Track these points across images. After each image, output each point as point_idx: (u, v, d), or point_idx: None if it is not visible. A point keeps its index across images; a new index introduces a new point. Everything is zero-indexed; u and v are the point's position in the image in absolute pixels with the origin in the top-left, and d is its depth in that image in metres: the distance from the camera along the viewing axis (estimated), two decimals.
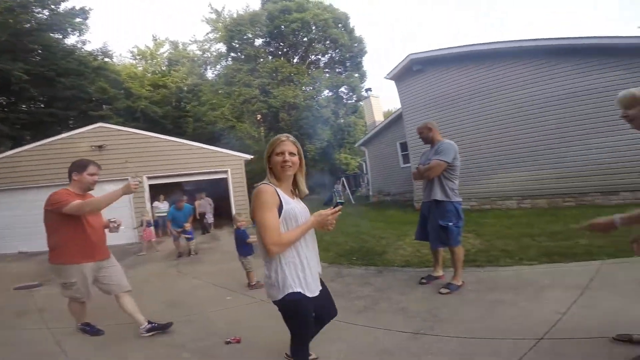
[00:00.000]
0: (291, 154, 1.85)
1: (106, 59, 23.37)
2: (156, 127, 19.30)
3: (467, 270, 3.96)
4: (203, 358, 2.60)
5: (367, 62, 73.58)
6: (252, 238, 4.60)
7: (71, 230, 2.78)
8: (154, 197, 10.78)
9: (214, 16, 23.35)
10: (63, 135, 10.76)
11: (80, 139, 10.29)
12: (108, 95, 21.53)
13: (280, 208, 1.75)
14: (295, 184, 1.96)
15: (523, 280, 3.49)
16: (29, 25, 17.00)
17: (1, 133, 15.18)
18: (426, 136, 3.64)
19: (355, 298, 3.57)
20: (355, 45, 21.09)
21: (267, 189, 1.76)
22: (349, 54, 20.94)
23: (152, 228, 8.41)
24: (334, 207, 1.83)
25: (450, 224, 3.36)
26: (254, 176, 15.73)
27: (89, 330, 3.15)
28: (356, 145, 20.48)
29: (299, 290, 1.75)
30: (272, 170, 1.89)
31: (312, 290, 1.82)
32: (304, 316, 1.84)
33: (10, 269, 7.17)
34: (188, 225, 7.27)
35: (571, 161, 7.98)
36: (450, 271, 3.65)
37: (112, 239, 3.34)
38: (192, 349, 2.72)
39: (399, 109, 14.65)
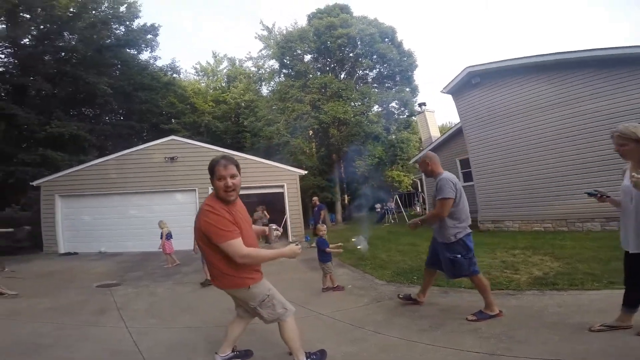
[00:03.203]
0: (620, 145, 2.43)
1: (174, 75, 25.83)
2: (218, 142, 20.68)
3: (546, 294, 3.84)
4: None
5: (418, 76, 73.71)
6: (330, 249, 5.10)
7: None
8: None
9: (265, 33, 24.91)
10: (140, 146, 12.26)
11: (155, 150, 11.64)
12: (176, 110, 23.57)
13: None
14: None
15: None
16: (109, 41, 19.04)
17: (89, 142, 17.27)
18: (425, 170, 3.67)
19: (418, 317, 3.53)
20: (405, 59, 20.93)
21: None
22: (398, 68, 20.81)
23: (171, 240, 8.11)
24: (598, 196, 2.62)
25: (459, 256, 3.36)
26: (306, 191, 16.17)
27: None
28: (410, 162, 20.03)
29: None
30: None
31: None
32: None
33: (92, 267, 8.15)
34: None
35: None
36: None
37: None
38: (256, 357, 2.84)
39: (457, 124, 14.22)
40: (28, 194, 12.90)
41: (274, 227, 2.69)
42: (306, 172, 13.74)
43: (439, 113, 53.18)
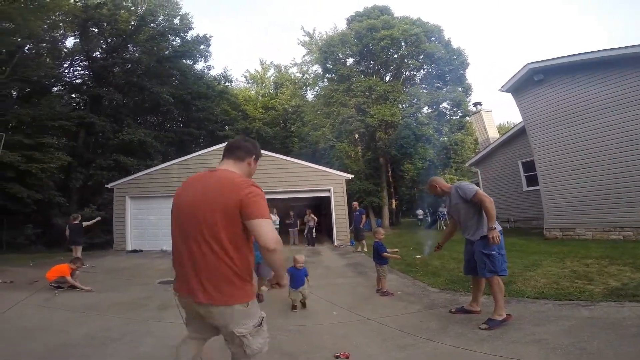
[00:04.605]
0: None
1: (227, 84, 27.46)
2: (268, 147, 21.51)
3: (624, 305, 3.54)
4: None
5: (471, 75, 70.44)
6: (387, 253, 5.20)
7: None
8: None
9: (307, 39, 25.45)
10: (200, 152, 13.27)
11: (213, 156, 12.50)
12: (229, 117, 25.03)
13: None
14: None
15: None
16: (167, 52, 20.77)
17: (155, 149, 18.79)
18: (436, 192, 3.97)
19: (477, 326, 3.36)
20: (455, 57, 20.01)
21: None
22: (447, 68, 19.92)
23: None
24: None
25: (494, 252, 3.44)
26: (352, 195, 16.15)
27: None
28: (466, 165, 19.10)
29: None
30: None
31: None
32: None
33: (155, 265, 8.86)
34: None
35: None
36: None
37: None
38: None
39: (518, 124, 13.35)
40: (103, 195, 14.49)
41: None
42: (352, 176, 13.72)
43: (497, 112, 49.87)
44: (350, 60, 21.65)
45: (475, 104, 18.77)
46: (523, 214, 13.35)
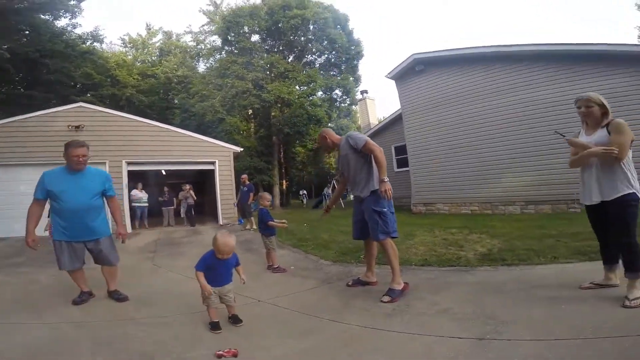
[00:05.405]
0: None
1: (95, 44, 22.54)
2: (142, 116, 18.59)
3: (498, 269, 3.70)
4: None
5: (362, 66, 76.34)
6: (273, 222, 4.57)
7: None
8: (132, 185, 9.93)
9: (212, 8, 22.89)
10: (39, 112, 9.74)
11: (57, 118, 9.42)
12: (93, 82, 20.55)
13: None
14: None
15: (572, 277, 3.09)
16: (20, 5, 16.08)
17: None
18: (326, 144, 3.59)
19: (377, 299, 3.01)
20: (353, 47, 20.80)
21: None
22: (345, 57, 20.60)
23: None
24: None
25: (385, 209, 3.16)
26: (241, 172, 15.04)
27: None
28: None
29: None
30: None
31: None
32: None
33: None
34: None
35: None
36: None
37: None
38: None
39: (397, 111, 14.39)
40: None
41: None
42: (241, 149, 12.62)
43: (377, 106, 55.09)
44: (255, 37, 20.25)
45: (362, 92, 19.80)
46: (393, 193, 14.69)
